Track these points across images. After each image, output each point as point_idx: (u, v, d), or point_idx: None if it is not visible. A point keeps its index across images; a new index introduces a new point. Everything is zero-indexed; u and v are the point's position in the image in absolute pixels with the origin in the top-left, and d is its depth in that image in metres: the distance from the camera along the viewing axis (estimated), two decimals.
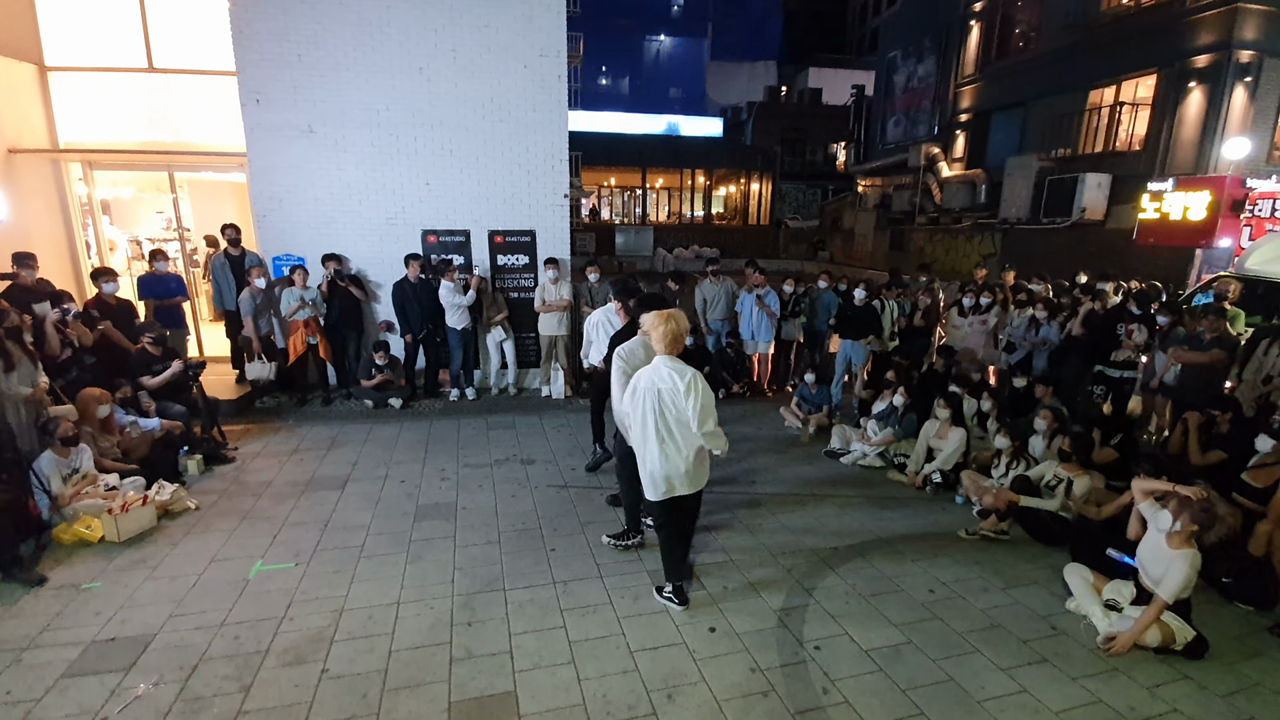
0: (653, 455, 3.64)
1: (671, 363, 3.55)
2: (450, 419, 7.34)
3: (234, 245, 7.63)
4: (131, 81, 8.22)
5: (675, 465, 3.64)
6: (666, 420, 3.59)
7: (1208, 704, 3.21)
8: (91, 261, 8.60)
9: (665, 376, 3.54)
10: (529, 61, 7.69)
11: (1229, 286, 7.36)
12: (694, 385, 3.47)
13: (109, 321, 6.23)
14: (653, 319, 3.60)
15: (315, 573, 4.19)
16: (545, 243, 8.18)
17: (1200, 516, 3.49)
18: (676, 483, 3.69)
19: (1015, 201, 16.43)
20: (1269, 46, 12.26)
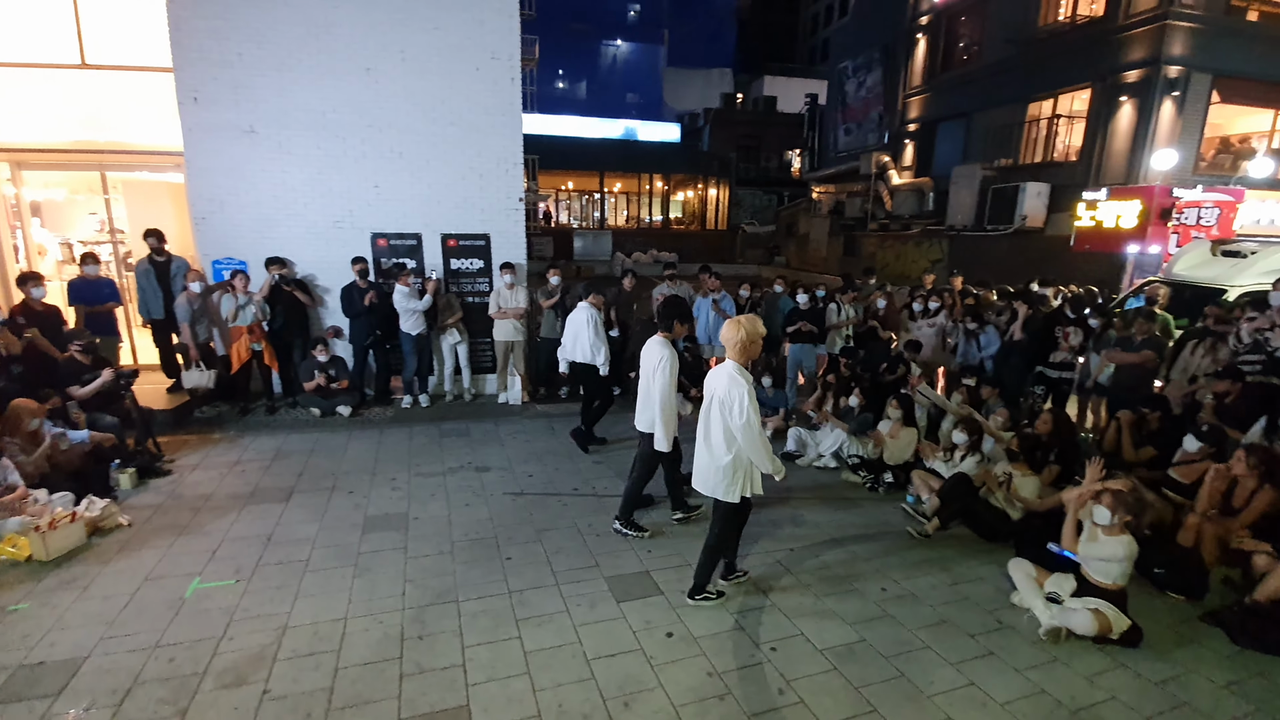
0: (697, 450, 3.86)
1: (735, 371, 3.63)
2: (402, 427, 7.16)
3: (158, 252, 7.31)
4: (63, 78, 7.79)
5: (705, 466, 3.81)
6: (709, 423, 3.75)
7: (1144, 691, 3.35)
8: (20, 266, 8.11)
9: (723, 384, 3.64)
10: (481, 64, 7.59)
11: (1159, 291, 7.75)
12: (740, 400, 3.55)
13: (36, 329, 5.88)
14: (727, 327, 3.71)
15: (257, 589, 4.02)
16: (500, 247, 8.07)
17: (1132, 505, 3.69)
18: (701, 485, 3.86)
19: (961, 209, 17.03)
20: (1195, 62, 13.02)
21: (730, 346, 3.68)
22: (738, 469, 3.71)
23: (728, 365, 3.70)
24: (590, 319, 6.14)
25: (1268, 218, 12.89)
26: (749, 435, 3.58)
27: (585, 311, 6.18)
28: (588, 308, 6.20)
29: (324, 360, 7.28)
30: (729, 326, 3.70)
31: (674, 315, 4.40)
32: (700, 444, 3.85)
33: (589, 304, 6.24)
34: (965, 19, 18.89)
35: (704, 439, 3.81)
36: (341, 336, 7.73)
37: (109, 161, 8.13)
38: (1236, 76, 13.32)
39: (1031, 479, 4.91)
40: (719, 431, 3.69)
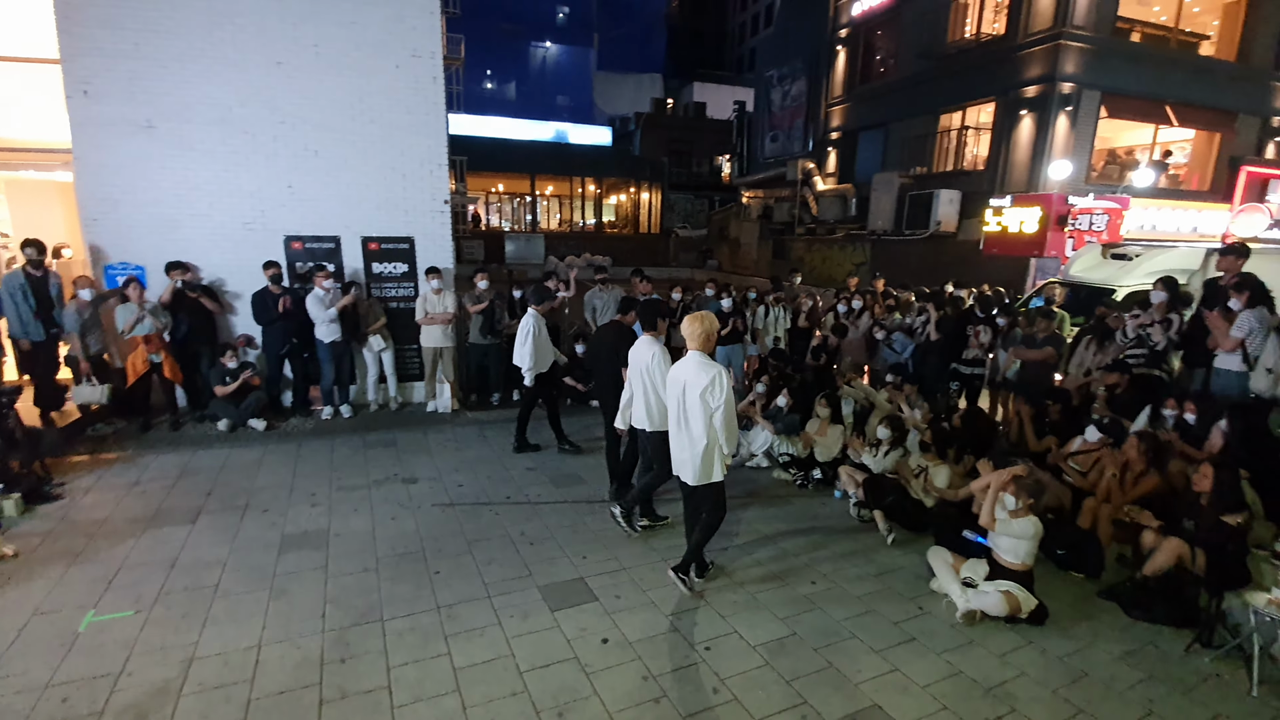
0: (675, 439, 4.08)
1: (699, 359, 3.94)
2: (323, 439, 6.81)
3: (35, 266, 6.43)
4: None
5: (684, 453, 4.01)
6: (685, 411, 3.96)
7: (1049, 666, 3.57)
8: None
9: (689, 371, 3.93)
10: (401, 61, 7.34)
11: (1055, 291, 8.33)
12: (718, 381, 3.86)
13: None
14: (687, 321, 4.01)
15: (160, 619, 3.73)
16: (425, 250, 7.81)
17: (1029, 487, 3.98)
18: (684, 470, 4.06)
19: (881, 214, 17.82)
20: (1085, 79, 14.11)
21: (694, 338, 3.98)
22: (713, 450, 3.96)
23: (695, 355, 3.96)
24: (528, 328, 6.00)
25: (1150, 223, 14.12)
26: (729, 413, 3.89)
27: (528, 320, 6.05)
28: (532, 315, 6.07)
29: (233, 367, 6.84)
30: (691, 321, 3.99)
31: (655, 314, 4.62)
32: (678, 434, 4.04)
33: (533, 311, 6.10)
34: (881, 33, 19.81)
35: (682, 428, 4.01)
36: (255, 345, 7.29)
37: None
38: (1121, 94, 14.54)
39: (944, 469, 5.15)
40: (700, 418, 3.89)
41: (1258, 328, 5.24)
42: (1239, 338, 5.32)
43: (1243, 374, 5.36)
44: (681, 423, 4.01)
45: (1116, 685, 3.44)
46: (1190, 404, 5.24)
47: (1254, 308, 5.29)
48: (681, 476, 4.13)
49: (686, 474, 4.07)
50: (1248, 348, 5.30)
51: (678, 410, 4.01)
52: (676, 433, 4.06)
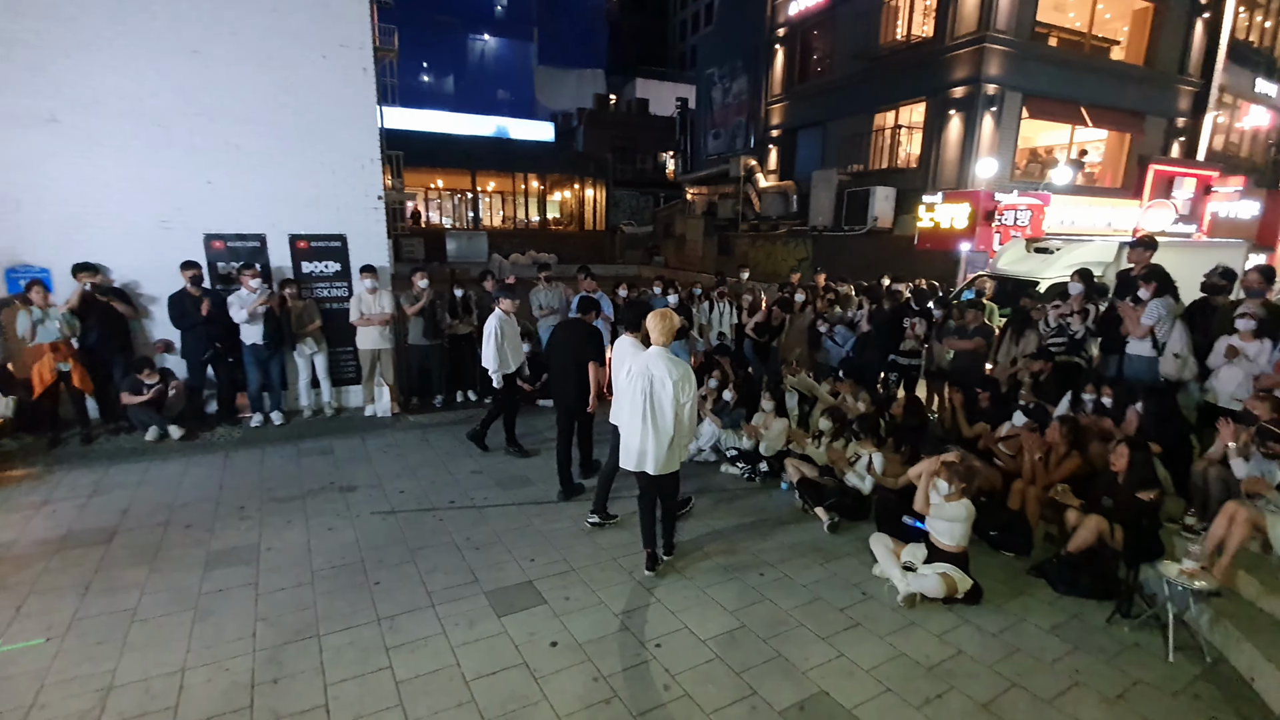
0: (636, 432, 4.15)
1: (667, 354, 4.15)
2: (252, 448, 6.47)
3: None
4: None
5: (649, 444, 4.14)
6: (653, 404, 4.09)
7: (985, 643, 3.71)
8: None
9: (659, 366, 4.10)
10: (328, 51, 7.02)
11: (985, 284, 8.70)
12: (687, 377, 4.14)
13: None
14: (652, 318, 4.20)
15: (73, 647, 3.48)
16: (359, 248, 7.51)
17: (961, 472, 4.11)
18: (649, 461, 4.17)
19: (821, 211, 18.25)
20: (1008, 81, 14.79)
21: (661, 333, 4.17)
22: (678, 442, 4.21)
23: (661, 350, 4.16)
24: (494, 328, 5.91)
25: (1069, 218, 14.94)
26: (694, 406, 4.21)
27: (494, 320, 5.97)
28: (498, 315, 5.99)
29: (152, 384, 6.41)
30: (657, 317, 4.20)
31: (639, 316, 4.64)
32: (642, 427, 4.13)
33: (500, 311, 6.02)
34: (817, 34, 20.27)
35: (647, 421, 4.12)
36: (173, 351, 6.86)
37: None
38: (1041, 95, 15.32)
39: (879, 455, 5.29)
40: (670, 411, 4.10)
41: (1165, 315, 5.60)
42: (1148, 325, 5.66)
43: (1153, 359, 5.72)
44: (647, 416, 4.10)
45: (1046, 657, 3.61)
46: (1107, 388, 5.55)
47: (1161, 297, 5.64)
48: (643, 468, 4.22)
49: (649, 465, 4.18)
50: (1156, 334, 5.65)
51: (644, 404, 4.10)
52: (641, 426, 4.13)
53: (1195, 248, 11.60)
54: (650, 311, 4.31)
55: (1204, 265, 6.17)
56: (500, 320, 5.97)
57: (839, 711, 3.16)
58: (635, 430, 4.17)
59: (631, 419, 4.18)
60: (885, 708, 3.19)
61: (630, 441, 4.23)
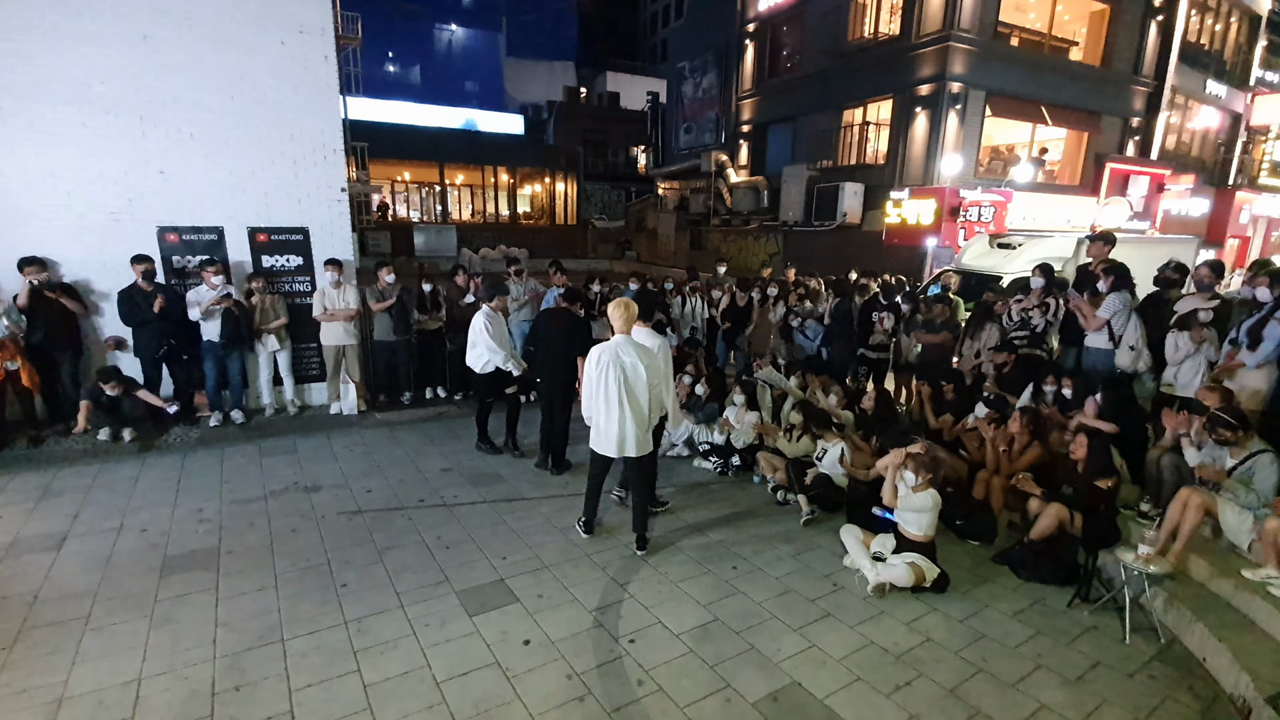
0: (614, 418, 4.32)
1: (632, 341, 4.37)
2: (211, 449, 6.27)
3: None
4: None
5: (629, 428, 4.32)
6: (627, 390, 4.27)
7: (951, 629, 3.79)
8: None
9: (629, 351, 4.29)
10: (286, 38, 6.78)
11: (951, 279, 8.87)
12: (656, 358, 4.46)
13: None
14: (613, 307, 4.40)
15: (21, 659, 3.33)
16: (322, 242, 7.29)
17: (927, 464, 4.18)
18: (630, 445, 4.37)
19: (791, 206, 18.39)
20: (972, 79, 15.06)
21: (624, 321, 4.39)
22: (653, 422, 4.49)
23: (625, 338, 4.37)
24: (480, 327, 5.78)
25: (1031, 215, 15.32)
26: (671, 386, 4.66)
27: (481, 318, 5.82)
28: (485, 313, 5.84)
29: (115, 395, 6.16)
30: (618, 306, 4.40)
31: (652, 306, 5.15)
32: (619, 412, 4.31)
33: (489, 308, 5.89)
34: (787, 29, 20.37)
35: (625, 406, 4.30)
36: (125, 348, 6.59)
37: None
38: (1004, 94, 15.64)
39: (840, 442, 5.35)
40: (643, 393, 4.33)
41: (1121, 309, 5.77)
42: (1104, 318, 5.83)
43: (1109, 351, 5.89)
44: (622, 401, 4.29)
45: (1010, 642, 3.70)
46: (1066, 380, 5.70)
47: (1118, 291, 5.81)
48: (625, 454, 4.41)
49: (630, 449, 4.39)
50: (1113, 327, 5.82)
51: (618, 390, 4.27)
52: (619, 412, 4.31)
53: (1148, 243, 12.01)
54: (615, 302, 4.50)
55: (1157, 260, 6.38)
56: (487, 318, 5.83)
57: (811, 701, 3.19)
58: (614, 418, 4.32)
59: (609, 407, 4.32)
60: (856, 696, 3.23)
61: (610, 429, 4.36)
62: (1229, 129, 21.50)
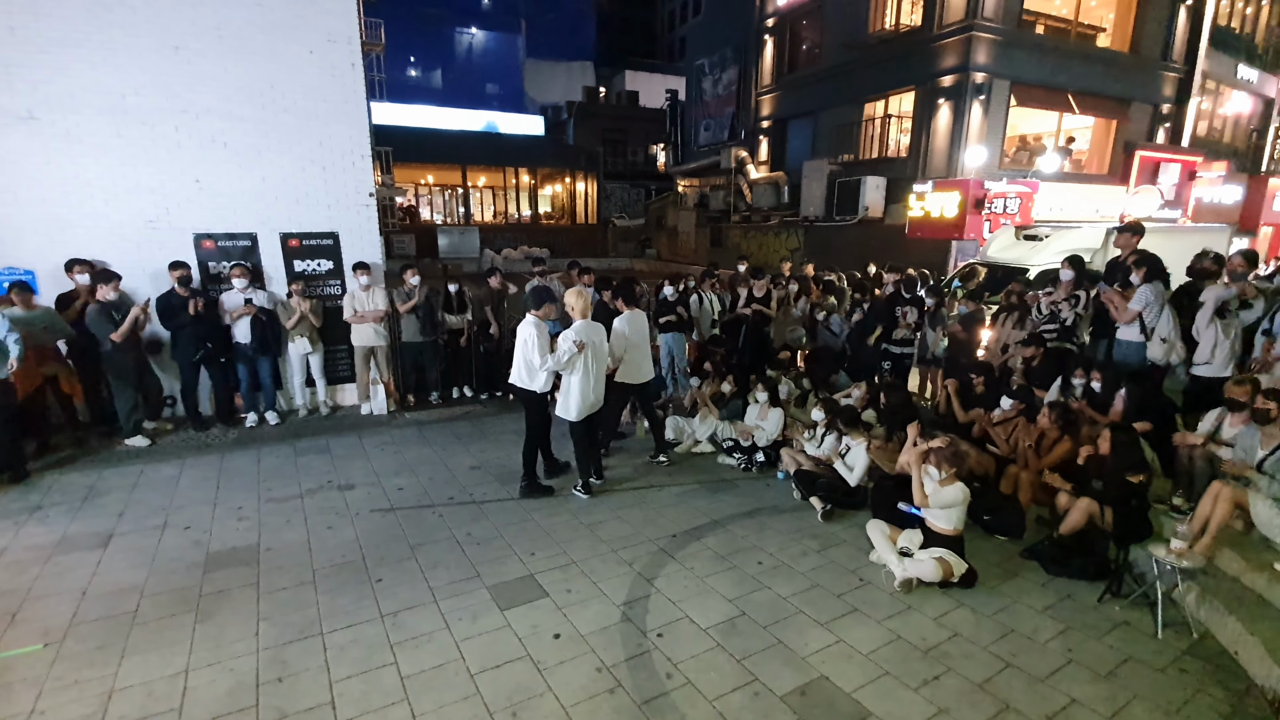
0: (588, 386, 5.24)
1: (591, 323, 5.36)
2: (248, 449, 6.45)
3: None
4: None
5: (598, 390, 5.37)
6: (597, 360, 5.29)
7: (980, 624, 3.78)
8: None
9: (598, 331, 5.39)
10: (315, 46, 6.95)
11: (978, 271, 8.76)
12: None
13: None
14: (572, 296, 5.32)
15: (72, 653, 3.46)
16: (351, 245, 7.46)
17: (950, 457, 4.15)
18: (595, 400, 5.36)
19: (812, 201, 18.26)
20: (996, 69, 14.82)
21: (579, 310, 5.26)
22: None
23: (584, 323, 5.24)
24: (531, 337, 5.13)
25: (1058, 205, 15.04)
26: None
27: (528, 328, 5.19)
28: (532, 323, 5.21)
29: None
30: (574, 295, 5.32)
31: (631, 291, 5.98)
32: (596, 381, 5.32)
33: (535, 317, 5.25)
34: (806, 23, 20.21)
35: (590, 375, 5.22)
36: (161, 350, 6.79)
37: None
38: (1029, 83, 15.36)
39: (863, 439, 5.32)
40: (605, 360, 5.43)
41: (1153, 301, 5.67)
42: (1136, 310, 5.73)
43: (1140, 344, 5.79)
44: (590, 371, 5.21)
45: (1039, 637, 3.67)
46: (1096, 373, 5.62)
47: (1150, 282, 5.71)
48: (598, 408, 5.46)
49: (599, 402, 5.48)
50: (1145, 319, 5.72)
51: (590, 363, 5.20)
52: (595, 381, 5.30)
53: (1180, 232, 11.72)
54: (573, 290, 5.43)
55: (1189, 250, 6.25)
56: (536, 328, 5.17)
57: (839, 695, 3.21)
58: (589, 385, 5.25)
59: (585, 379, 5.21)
60: (884, 690, 3.24)
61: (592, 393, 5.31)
62: (1261, 114, 20.85)
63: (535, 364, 5.13)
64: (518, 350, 5.25)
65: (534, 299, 5.41)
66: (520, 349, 5.22)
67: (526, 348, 5.17)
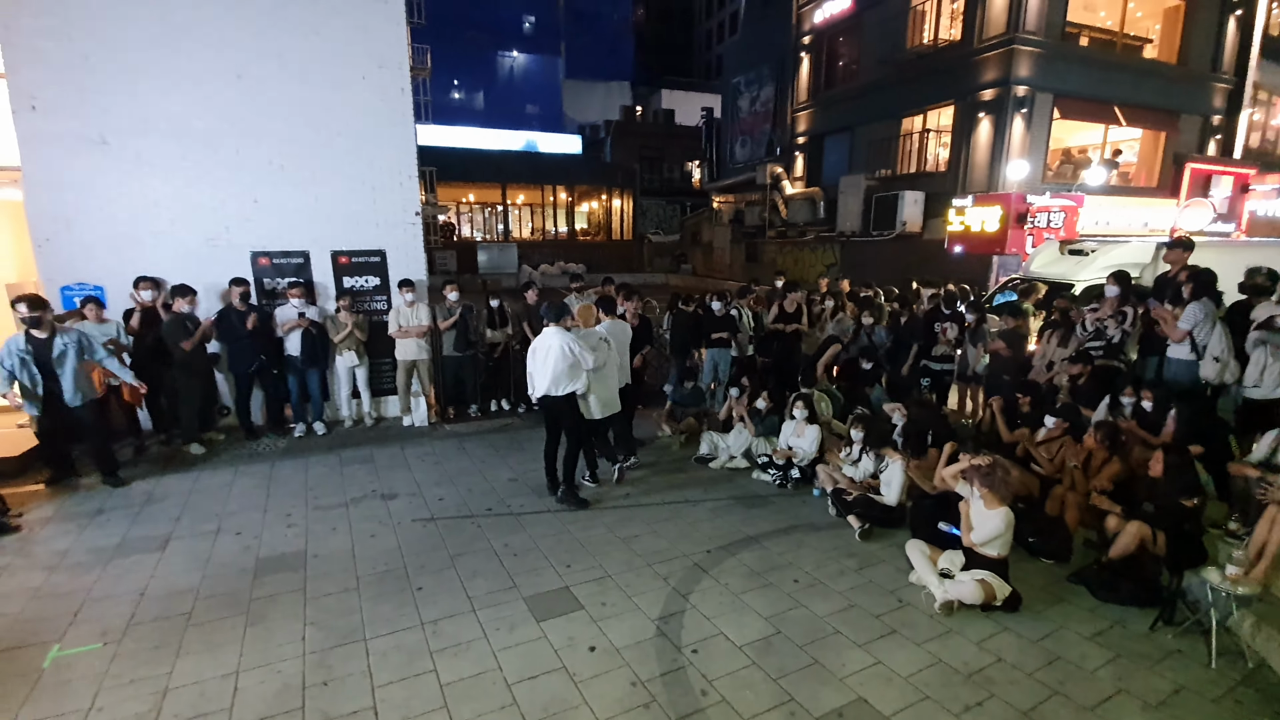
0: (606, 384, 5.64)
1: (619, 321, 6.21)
2: (296, 458, 6.68)
3: (37, 326, 5.46)
4: None
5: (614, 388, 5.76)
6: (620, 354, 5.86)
7: (1024, 650, 3.67)
8: None
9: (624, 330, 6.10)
10: (367, 72, 7.28)
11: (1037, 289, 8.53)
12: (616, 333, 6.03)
13: None
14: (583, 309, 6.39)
15: (130, 651, 3.62)
16: (397, 263, 7.73)
17: (987, 477, 4.02)
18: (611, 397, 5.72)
19: (849, 216, 18.14)
20: (1038, 82, 14.58)
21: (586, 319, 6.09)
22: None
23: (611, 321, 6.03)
24: (566, 341, 5.28)
25: (1104, 219, 14.62)
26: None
27: (558, 336, 5.32)
28: (558, 331, 5.36)
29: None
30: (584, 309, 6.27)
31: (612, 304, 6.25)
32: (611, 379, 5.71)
33: (559, 328, 5.39)
34: (843, 40, 20.21)
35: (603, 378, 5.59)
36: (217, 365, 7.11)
37: None
38: (1073, 96, 15.06)
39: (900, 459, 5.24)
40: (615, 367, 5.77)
41: (1203, 319, 5.47)
42: (1185, 330, 5.54)
43: (1192, 362, 5.59)
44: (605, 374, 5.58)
45: (1088, 664, 3.55)
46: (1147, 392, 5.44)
47: (1199, 299, 5.52)
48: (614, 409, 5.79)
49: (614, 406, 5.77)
50: (1195, 338, 5.52)
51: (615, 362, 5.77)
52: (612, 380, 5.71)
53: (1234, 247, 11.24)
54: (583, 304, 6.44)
55: (1243, 265, 6.02)
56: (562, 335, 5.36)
57: (878, 718, 3.16)
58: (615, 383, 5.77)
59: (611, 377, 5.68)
60: (925, 715, 3.18)
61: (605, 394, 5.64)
62: None
63: (586, 362, 5.36)
64: (549, 361, 5.30)
65: (553, 313, 5.49)
66: (556, 358, 5.28)
67: (564, 354, 5.27)
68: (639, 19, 50.73)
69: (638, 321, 6.87)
